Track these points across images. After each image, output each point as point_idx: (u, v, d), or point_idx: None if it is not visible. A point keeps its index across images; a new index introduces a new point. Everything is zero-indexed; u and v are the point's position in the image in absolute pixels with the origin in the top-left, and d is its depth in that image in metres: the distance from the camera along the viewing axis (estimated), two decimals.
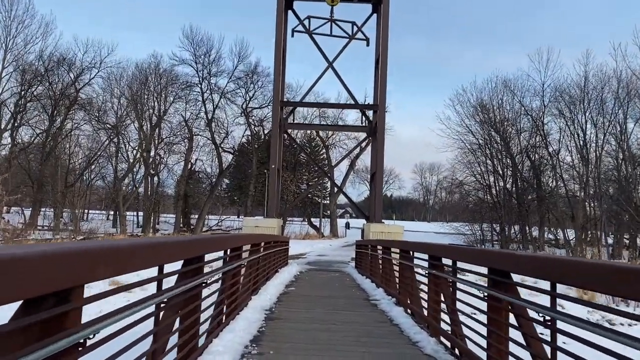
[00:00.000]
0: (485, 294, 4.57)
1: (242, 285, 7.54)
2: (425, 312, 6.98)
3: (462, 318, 5.52)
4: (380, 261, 11.96)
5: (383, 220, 17.55)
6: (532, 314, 3.77)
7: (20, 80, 39.64)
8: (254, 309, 7.08)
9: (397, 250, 9.56)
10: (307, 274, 14.90)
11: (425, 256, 7.30)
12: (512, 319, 4.25)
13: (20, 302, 1.87)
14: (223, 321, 5.74)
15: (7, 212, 46.39)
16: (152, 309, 3.26)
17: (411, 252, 8.32)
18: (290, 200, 41.36)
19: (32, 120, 41.27)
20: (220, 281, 5.73)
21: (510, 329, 4.23)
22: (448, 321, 5.93)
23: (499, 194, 33.76)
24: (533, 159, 34.91)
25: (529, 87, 32.88)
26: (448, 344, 5.63)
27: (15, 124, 40.28)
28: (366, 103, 19.20)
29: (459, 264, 5.73)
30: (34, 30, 40.75)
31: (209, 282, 4.65)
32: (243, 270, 7.40)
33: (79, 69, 40.25)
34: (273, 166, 17.24)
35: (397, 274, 10.00)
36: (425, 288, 7.27)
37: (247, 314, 6.72)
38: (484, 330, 4.68)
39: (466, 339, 5.37)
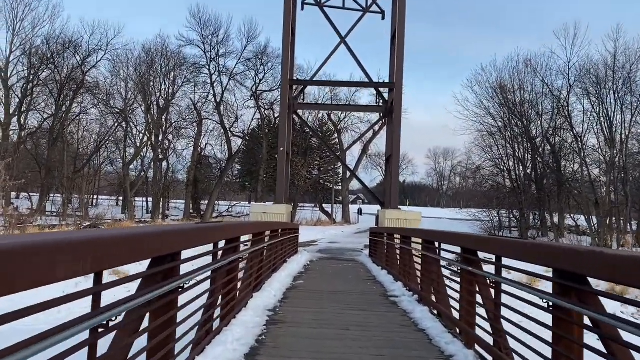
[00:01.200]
0: (550, 302, 3.47)
1: (241, 282, 6.54)
2: (457, 315, 5.91)
3: (507, 327, 4.45)
4: (398, 251, 10.89)
5: (399, 207, 16.45)
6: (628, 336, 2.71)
7: (27, 64, 38.91)
8: (254, 310, 6.06)
9: (419, 240, 8.49)
10: (318, 263, 13.90)
11: (452, 247, 6.24)
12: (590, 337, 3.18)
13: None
14: (213, 329, 4.72)
15: (16, 198, 46.19)
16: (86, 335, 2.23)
17: (436, 244, 7.24)
18: (301, 185, 40.35)
19: (39, 106, 40.64)
20: (210, 281, 4.71)
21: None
22: (487, 328, 4.87)
23: (519, 178, 32.32)
24: (553, 142, 33.37)
25: (552, 66, 31.10)
26: (490, 358, 4.56)
27: (23, 109, 39.66)
28: (381, 81, 17.91)
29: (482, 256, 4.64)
30: (41, 13, 39.88)
31: (186, 286, 3.60)
32: (243, 264, 6.39)
33: (86, 52, 39.31)
34: (282, 149, 16.16)
35: (417, 267, 8.95)
36: (455, 286, 6.20)
37: (246, 316, 5.70)
38: (544, 349, 3.61)
39: (513, 354, 4.31)
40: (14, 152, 36.27)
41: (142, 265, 3.32)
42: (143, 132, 40.25)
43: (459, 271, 5.83)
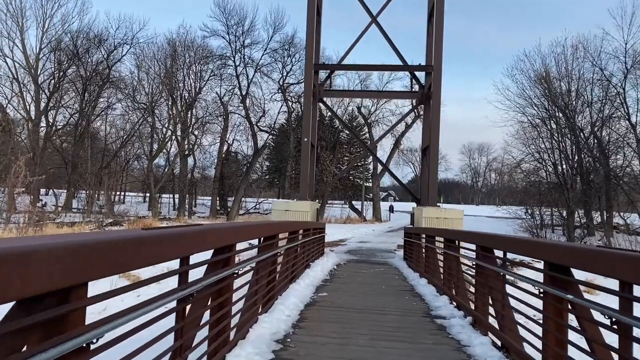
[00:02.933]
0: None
1: (245, 300, 5.02)
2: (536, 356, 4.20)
3: None
4: (440, 257, 9.18)
5: (439, 204, 14.64)
6: None
7: (55, 60, 38.66)
8: (256, 342, 4.50)
9: (469, 245, 6.79)
10: (346, 268, 12.28)
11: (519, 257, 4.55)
12: None
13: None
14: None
15: (45, 195, 46.28)
16: None
17: (498, 252, 5.54)
18: (329, 181, 38.76)
19: (66, 102, 40.40)
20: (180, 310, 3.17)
21: None
22: None
23: (566, 173, 29.79)
24: (601, 134, 30.68)
25: (605, 49, 28.32)
26: None
27: (50, 106, 39.47)
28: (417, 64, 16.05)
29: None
30: (70, 9, 39.58)
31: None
32: (242, 281, 4.85)
33: (111, 46, 38.81)
34: (305, 139, 14.58)
35: (467, 277, 7.24)
36: (527, 311, 4.51)
37: (244, 352, 4.15)
38: None
39: None
40: (37, 148, 35.98)
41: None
42: (167, 127, 39.39)
43: (541, 294, 4.11)
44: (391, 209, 52.43)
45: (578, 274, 3.75)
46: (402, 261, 14.37)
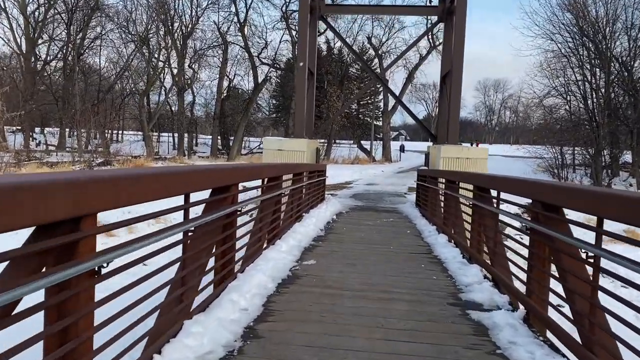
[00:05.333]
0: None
1: (195, 269, 3.07)
2: None
3: None
4: (463, 207, 7.10)
5: (461, 143, 12.35)
6: None
7: None
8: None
9: (506, 196, 4.68)
10: (347, 218, 10.28)
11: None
12: None
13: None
14: None
15: (40, 133, 44.38)
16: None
17: (567, 211, 3.46)
18: (334, 117, 36.27)
19: (57, 35, 37.51)
20: None
21: None
22: None
23: (596, 108, 26.94)
24: (633, 64, 27.50)
25: None
26: None
27: (37, 38, 36.68)
28: None
29: None
30: None
31: None
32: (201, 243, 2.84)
33: None
34: (301, 64, 12.13)
35: (507, 243, 5.21)
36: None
37: None
38: None
39: None
40: (29, 84, 33.64)
41: None
42: (157, 57, 36.51)
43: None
44: (402, 149, 50.05)
45: None
46: (414, 208, 12.36)
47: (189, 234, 3.34)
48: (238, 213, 4.42)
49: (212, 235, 3.85)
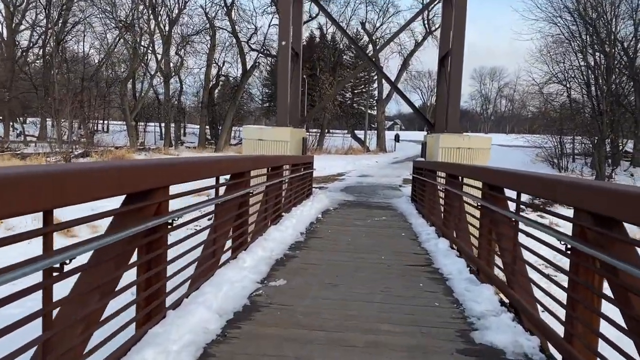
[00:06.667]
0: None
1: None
2: None
3: None
4: (468, 207, 5.92)
5: (463, 131, 11.11)
6: None
7: None
8: None
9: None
10: (334, 217, 9.09)
11: None
12: None
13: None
14: None
15: (24, 123, 42.76)
16: None
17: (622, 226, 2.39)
18: (330, 108, 34.99)
19: (40, 21, 35.88)
20: None
21: None
22: None
23: (599, 95, 25.73)
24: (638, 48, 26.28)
25: None
26: None
27: (16, 24, 35.07)
28: None
29: None
30: None
31: None
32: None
33: None
34: (283, 43, 10.83)
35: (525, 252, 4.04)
36: None
37: None
38: None
39: None
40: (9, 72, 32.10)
41: None
42: (140, 42, 34.91)
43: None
44: (397, 138, 48.78)
45: None
46: (409, 204, 11.19)
47: None
48: (169, 226, 3.21)
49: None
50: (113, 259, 2.63)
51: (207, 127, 38.44)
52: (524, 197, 4.38)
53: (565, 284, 3.18)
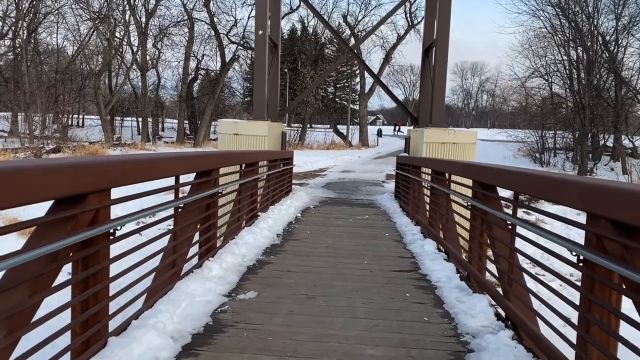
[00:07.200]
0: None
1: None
2: None
3: None
4: (454, 206, 5.49)
5: (447, 125, 10.69)
6: None
7: None
8: None
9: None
10: (314, 216, 8.62)
11: None
12: None
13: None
14: None
15: (4, 120, 41.19)
16: None
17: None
18: (311, 101, 34.42)
19: (11, 11, 34.46)
20: None
21: None
22: None
23: (582, 90, 25.66)
24: (617, 46, 26.32)
25: None
26: None
27: None
28: None
29: None
30: None
31: None
32: None
33: None
34: (260, 32, 10.28)
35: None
36: None
37: None
38: None
39: None
40: None
41: None
42: (119, 37, 33.88)
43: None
44: (379, 133, 48.53)
45: None
46: (392, 201, 10.78)
47: None
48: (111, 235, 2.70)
49: None
50: (28, 282, 2.11)
51: (186, 121, 37.55)
52: (508, 194, 3.96)
53: (572, 298, 2.77)
